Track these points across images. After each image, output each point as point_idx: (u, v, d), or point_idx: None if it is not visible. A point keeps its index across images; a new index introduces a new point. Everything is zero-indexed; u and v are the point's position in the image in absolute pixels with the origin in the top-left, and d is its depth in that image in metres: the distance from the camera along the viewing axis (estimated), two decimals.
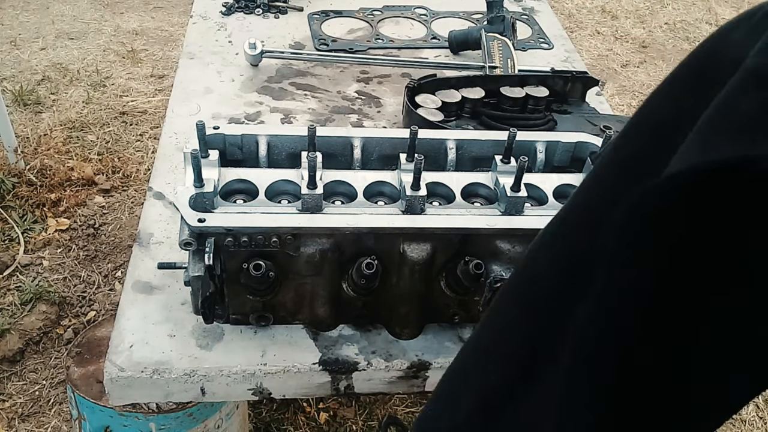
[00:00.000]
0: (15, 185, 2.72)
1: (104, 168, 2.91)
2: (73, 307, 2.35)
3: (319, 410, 2.12)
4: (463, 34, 1.84)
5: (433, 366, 1.06)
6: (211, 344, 1.05)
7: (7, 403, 2.08)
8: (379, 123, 1.58)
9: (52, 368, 2.17)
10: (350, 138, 1.11)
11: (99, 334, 1.61)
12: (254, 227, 0.93)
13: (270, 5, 2.00)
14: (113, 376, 1.00)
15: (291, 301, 1.04)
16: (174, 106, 1.57)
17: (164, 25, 3.99)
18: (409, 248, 0.97)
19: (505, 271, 1.00)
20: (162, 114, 3.17)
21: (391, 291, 1.02)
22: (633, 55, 4.16)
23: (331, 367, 1.04)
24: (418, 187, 0.97)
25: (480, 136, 1.14)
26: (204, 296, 0.96)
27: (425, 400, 2.18)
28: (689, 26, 4.55)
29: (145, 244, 1.21)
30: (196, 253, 0.94)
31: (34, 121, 3.14)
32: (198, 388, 1.03)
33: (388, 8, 2.06)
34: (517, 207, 1.00)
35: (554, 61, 1.86)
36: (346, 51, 1.82)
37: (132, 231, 2.61)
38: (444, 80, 1.54)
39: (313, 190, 0.95)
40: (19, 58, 3.56)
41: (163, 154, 1.42)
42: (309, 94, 1.66)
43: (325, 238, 0.96)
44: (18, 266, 2.44)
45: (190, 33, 1.87)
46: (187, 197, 0.94)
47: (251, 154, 1.09)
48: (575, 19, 4.50)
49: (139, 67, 3.58)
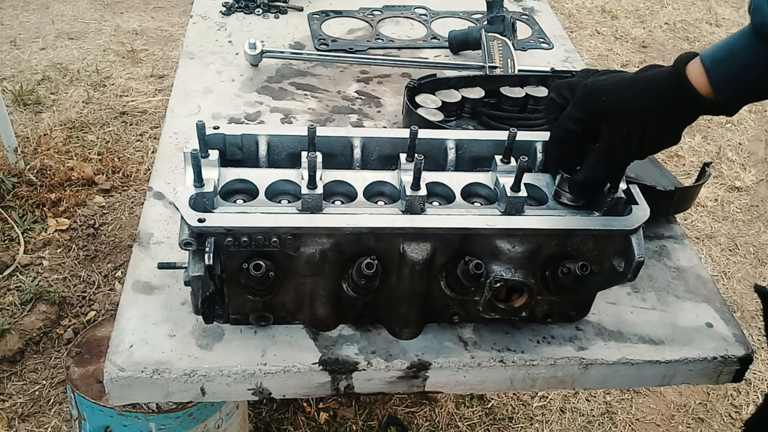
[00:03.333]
0: (15, 185, 2.73)
1: (104, 168, 2.91)
2: (73, 307, 2.35)
3: (319, 410, 2.12)
4: (463, 34, 1.84)
5: (433, 366, 1.06)
6: (211, 344, 1.05)
7: (7, 403, 2.08)
8: (379, 123, 1.58)
9: (52, 368, 2.18)
10: (350, 138, 1.11)
11: (99, 334, 1.61)
12: (254, 227, 0.93)
13: (270, 5, 2.00)
14: (113, 376, 1.00)
15: (291, 301, 1.04)
16: (174, 106, 1.57)
17: (164, 25, 3.99)
18: (409, 248, 0.97)
19: (505, 271, 1.00)
20: (162, 114, 3.17)
21: (391, 291, 1.02)
22: (633, 55, 4.16)
23: (331, 367, 1.04)
24: (418, 187, 0.97)
25: (480, 136, 1.14)
26: (204, 296, 0.96)
27: (425, 400, 2.19)
28: (689, 26, 4.55)
29: (145, 244, 1.21)
30: (196, 253, 0.94)
31: (34, 121, 3.14)
32: (198, 388, 1.03)
33: (388, 8, 2.06)
34: (517, 207, 1.00)
35: (554, 61, 1.86)
36: (346, 51, 1.82)
37: (132, 231, 2.61)
38: (444, 80, 1.54)
39: (313, 190, 0.95)
40: (19, 58, 3.56)
41: (163, 154, 1.42)
42: (309, 94, 1.66)
43: (325, 238, 0.96)
44: (18, 266, 2.44)
45: (190, 33, 1.87)
46: (187, 197, 0.94)
47: (251, 154, 1.09)
48: (575, 19, 4.50)
49: (139, 67, 3.58)
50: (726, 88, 0.85)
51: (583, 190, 1.02)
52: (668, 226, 1.37)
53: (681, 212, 1.42)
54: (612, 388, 2.28)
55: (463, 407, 2.20)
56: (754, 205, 3.20)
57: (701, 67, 0.86)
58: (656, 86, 0.90)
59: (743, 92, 0.86)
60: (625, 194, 1.02)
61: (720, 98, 0.86)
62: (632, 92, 0.92)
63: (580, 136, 0.99)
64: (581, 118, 0.97)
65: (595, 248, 1.01)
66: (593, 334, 1.13)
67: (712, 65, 0.85)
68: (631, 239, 0.99)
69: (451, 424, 2.15)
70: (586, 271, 0.96)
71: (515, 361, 1.08)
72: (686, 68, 0.88)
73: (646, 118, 0.91)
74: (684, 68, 0.88)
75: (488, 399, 2.24)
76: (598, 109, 0.95)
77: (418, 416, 2.16)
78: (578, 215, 1.01)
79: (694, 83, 0.86)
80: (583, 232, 0.99)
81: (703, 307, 1.21)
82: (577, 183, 1.01)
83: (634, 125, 0.92)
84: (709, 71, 0.85)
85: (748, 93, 0.87)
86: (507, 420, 2.19)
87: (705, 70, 0.85)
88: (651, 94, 0.91)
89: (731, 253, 2.92)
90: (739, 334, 1.16)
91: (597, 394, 2.30)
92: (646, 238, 1.31)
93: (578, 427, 2.20)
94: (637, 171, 1.32)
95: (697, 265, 1.29)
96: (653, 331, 1.15)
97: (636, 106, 0.91)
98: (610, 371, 1.11)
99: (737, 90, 0.86)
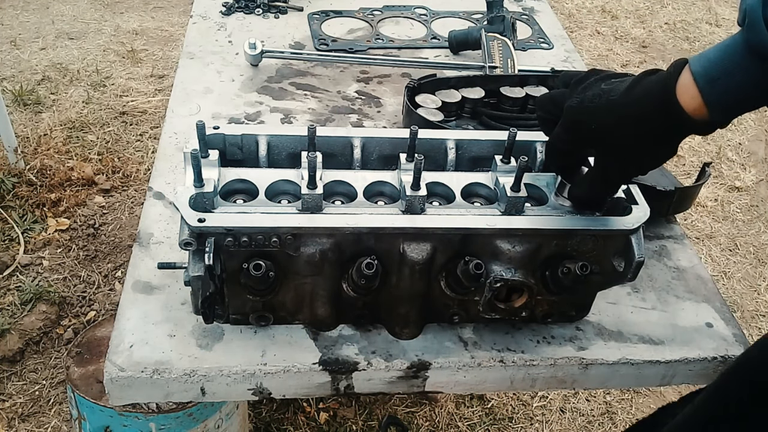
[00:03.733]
0: (15, 185, 2.72)
1: (104, 168, 2.91)
2: (73, 307, 2.35)
3: (319, 410, 2.12)
4: (463, 34, 1.84)
5: (433, 366, 1.06)
6: (211, 344, 1.05)
7: (7, 403, 2.08)
8: (379, 123, 1.58)
9: (52, 368, 2.17)
10: (350, 138, 1.11)
11: (99, 334, 1.61)
12: (254, 227, 0.93)
13: (270, 5, 2.00)
14: (113, 376, 1.00)
15: (291, 301, 1.04)
16: (174, 106, 1.57)
17: (164, 25, 3.99)
18: (409, 248, 0.97)
19: (505, 271, 1.00)
20: (162, 114, 3.17)
21: (391, 291, 1.02)
22: (633, 55, 4.16)
23: (331, 367, 1.04)
24: (418, 187, 0.97)
25: (480, 136, 1.14)
26: (204, 296, 0.96)
27: (425, 400, 2.19)
28: (689, 26, 4.55)
29: (145, 244, 1.21)
30: (196, 253, 0.94)
31: (34, 121, 3.14)
32: (198, 388, 1.03)
33: (388, 8, 2.06)
34: (517, 207, 1.00)
35: (554, 61, 1.86)
36: (346, 51, 1.82)
37: (132, 231, 2.61)
38: (444, 80, 1.54)
39: (313, 190, 0.95)
40: (19, 58, 3.56)
41: (163, 154, 1.42)
42: (309, 94, 1.66)
43: (325, 238, 0.96)
44: (18, 266, 2.44)
45: (190, 33, 1.87)
46: (187, 197, 0.94)
47: (251, 154, 1.09)
48: (575, 19, 4.50)
49: (139, 67, 3.58)
50: (722, 110, 0.80)
51: (582, 205, 1.02)
52: (668, 226, 1.37)
53: (681, 212, 1.42)
54: (612, 388, 2.28)
55: (463, 407, 2.20)
56: (754, 205, 3.20)
57: (695, 88, 0.80)
58: (644, 113, 0.84)
59: (738, 111, 0.81)
60: (625, 194, 1.02)
61: (714, 118, 0.81)
62: (619, 121, 0.86)
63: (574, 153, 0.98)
64: (571, 140, 0.95)
65: (595, 248, 1.01)
66: (593, 334, 1.13)
67: (706, 86, 0.79)
68: (631, 239, 0.99)
69: (451, 424, 2.15)
70: (586, 271, 0.96)
71: (515, 361, 1.08)
72: (677, 91, 0.81)
73: (637, 146, 0.87)
74: (674, 90, 0.81)
75: (488, 399, 2.24)
76: (587, 138, 0.91)
77: (418, 416, 2.16)
78: (578, 215, 1.01)
79: (686, 106, 0.81)
80: (583, 232, 0.99)
81: (703, 307, 1.21)
82: (575, 198, 1.01)
83: (626, 154, 0.89)
84: (703, 92, 0.79)
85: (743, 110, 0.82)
86: (507, 420, 2.19)
87: (699, 91, 0.79)
88: (639, 123, 0.85)
89: (731, 253, 2.92)
90: (739, 334, 1.16)
91: (597, 394, 2.30)
92: (646, 238, 1.31)
93: (578, 427, 2.20)
94: None
95: (697, 265, 1.29)
96: (653, 331, 1.15)
97: (625, 136, 0.87)
98: (610, 371, 1.11)
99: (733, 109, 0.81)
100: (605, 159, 0.93)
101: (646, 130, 0.85)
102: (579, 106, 0.91)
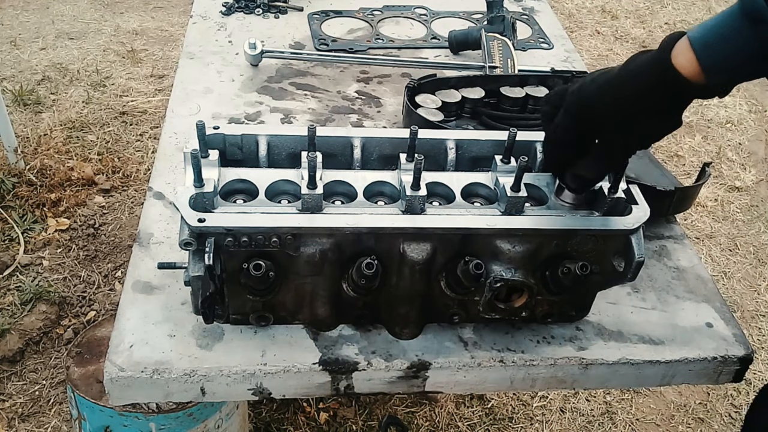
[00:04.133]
0: (15, 185, 2.73)
1: (104, 168, 2.91)
2: (73, 307, 2.35)
3: (319, 410, 2.12)
4: (463, 34, 1.84)
5: (433, 366, 1.06)
6: (211, 344, 1.05)
7: (7, 403, 2.08)
8: (379, 123, 1.58)
9: (52, 368, 2.18)
10: (350, 138, 1.11)
11: (99, 334, 1.61)
12: (254, 227, 0.93)
13: (270, 5, 2.00)
14: (113, 376, 1.00)
15: (291, 301, 1.04)
16: (174, 106, 1.57)
17: (164, 25, 3.99)
18: (409, 248, 0.97)
19: (505, 271, 1.00)
20: (162, 114, 3.17)
21: (391, 291, 1.02)
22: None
23: (331, 367, 1.04)
24: (418, 187, 0.97)
25: (480, 136, 1.14)
26: (204, 296, 0.96)
27: (425, 400, 2.19)
28: (689, 26, 4.54)
29: (145, 244, 1.21)
30: (196, 253, 0.94)
31: (34, 121, 3.14)
32: (198, 388, 1.03)
33: (388, 8, 2.06)
34: (517, 207, 1.00)
35: (554, 61, 1.86)
36: (346, 51, 1.82)
37: (132, 231, 2.61)
38: (444, 80, 1.54)
39: (313, 190, 0.95)
40: (19, 58, 3.56)
41: (163, 154, 1.42)
42: (309, 94, 1.66)
43: (325, 238, 0.96)
44: (18, 266, 2.44)
45: (190, 33, 1.87)
46: (187, 197, 0.94)
47: (251, 154, 1.09)
48: (575, 19, 4.50)
49: (139, 67, 3.58)
50: (718, 73, 0.83)
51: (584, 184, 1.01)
52: (668, 226, 1.37)
53: (681, 212, 1.42)
54: (612, 388, 2.28)
55: (463, 407, 2.20)
56: (754, 205, 3.20)
57: (691, 53, 0.83)
58: (641, 82, 0.88)
59: (735, 75, 0.84)
60: (625, 194, 1.02)
61: (711, 83, 0.83)
62: (619, 95, 0.89)
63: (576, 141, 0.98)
64: (573, 127, 0.96)
65: (595, 248, 1.01)
66: (593, 334, 1.13)
67: (702, 50, 0.82)
68: (631, 239, 0.99)
69: (451, 424, 2.15)
70: (586, 271, 0.96)
71: (515, 361, 1.08)
72: (672, 55, 0.84)
73: (639, 118, 0.89)
74: (669, 56, 0.84)
75: (488, 399, 2.24)
76: (589, 120, 0.93)
77: (418, 416, 2.16)
78: (578, 215, 1.01)
79: (682, 70, 0.84)
80: (583, 232, 0.99)
81: (703, 307, 1.21)
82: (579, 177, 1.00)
83: (629, 128, 0.91)
84: (700, 57, 0.82)
85: (740, 75, 0.84)
86: (507, 420, 2.19)
87: (696, 55, 0.82)
88: (638, 94, 0.88)
89: (731, 253, 2.92)
90: (739, 334, 1.16)
91: (597, 394, 2.30)
92: (646, 238, 1.31)
93: (578, 427, 2.20)
94: (637, 171, 1.32)
95: (697, 265, 1.29)
96: (653, 331, 1.15)
97: (625, 110, 0.89)
98: (610, 371, 1.11)
99: (729, 74, 0.83)
100: (609, 137, 0.94)
101: (646, 101, 0.88)
102: (579, 90, 0.94)
